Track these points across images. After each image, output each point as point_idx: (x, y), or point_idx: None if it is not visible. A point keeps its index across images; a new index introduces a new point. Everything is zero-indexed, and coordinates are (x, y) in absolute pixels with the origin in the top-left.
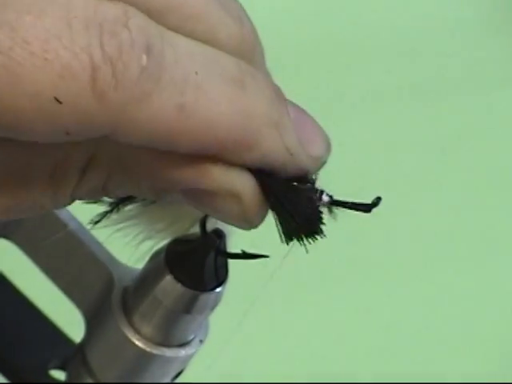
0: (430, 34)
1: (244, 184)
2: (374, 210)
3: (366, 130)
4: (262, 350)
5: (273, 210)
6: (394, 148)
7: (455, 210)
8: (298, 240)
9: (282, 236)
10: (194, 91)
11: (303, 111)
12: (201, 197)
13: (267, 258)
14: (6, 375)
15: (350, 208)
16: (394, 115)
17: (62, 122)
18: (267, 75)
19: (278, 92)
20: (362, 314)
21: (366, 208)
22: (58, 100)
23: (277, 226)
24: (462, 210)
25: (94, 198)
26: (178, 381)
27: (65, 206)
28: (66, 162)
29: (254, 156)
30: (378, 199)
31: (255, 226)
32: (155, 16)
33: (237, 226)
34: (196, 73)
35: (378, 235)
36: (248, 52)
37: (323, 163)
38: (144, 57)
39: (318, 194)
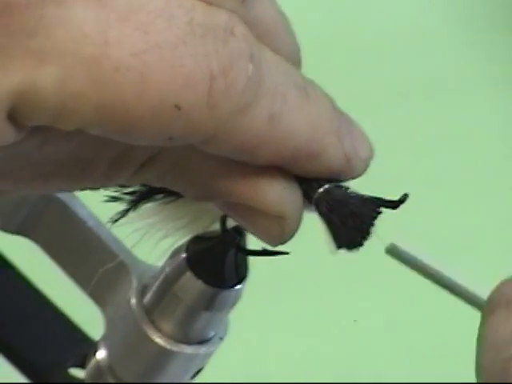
0: (434, 32)
1: (293, 208)
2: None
3: (376, 128)
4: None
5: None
6: (406, 145)
7: (465, 209)
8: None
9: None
10: (280, 101)
11: (346, 114)
12: (243, 211)
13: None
14: (25, 373)
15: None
16: (405, 113)
17: (173, 129)
18: None
19: (331, 99)
20: (365, 316)
21: (393, 205)
22: (178, 107)
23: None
24: (473, 210)
25: (134, 186)
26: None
27: (104, 188)
28: (128, 155)
29: (317, 165)
30: (405, 196)
31: (282, 244)
32: None
33: (264, 242)
34: (282, 82)
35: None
36: (297, 65)
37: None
38: (250, 66)
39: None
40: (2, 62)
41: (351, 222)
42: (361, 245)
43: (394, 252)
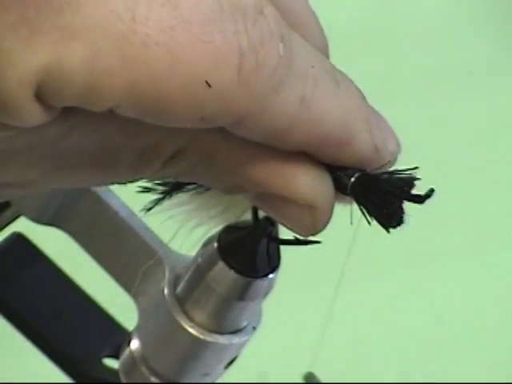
0: (444, 24)
1: (324, 196)
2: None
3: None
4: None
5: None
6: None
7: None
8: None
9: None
10: (312, 84)
11: (375, 109)
12: (274, 202)
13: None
14: (59, 364)
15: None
16: (436, 101)
17: (205, 107)
18: None
19: (361, 92)
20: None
21: (420, 200)
22: (208, 84)
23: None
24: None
25: (163, 180)
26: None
27: (132, 183)
28: (157, 147)
29: (347, 153)
30: (432, 191)
31: (314, 235)
32: None
33: (296, 232)
34: (312, 66)
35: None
36: (326, 57)
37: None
38: (281, 46)
39: None
40: (28, 39)
41: (384, 208)
42: (395, 227)
43: (309, 379)
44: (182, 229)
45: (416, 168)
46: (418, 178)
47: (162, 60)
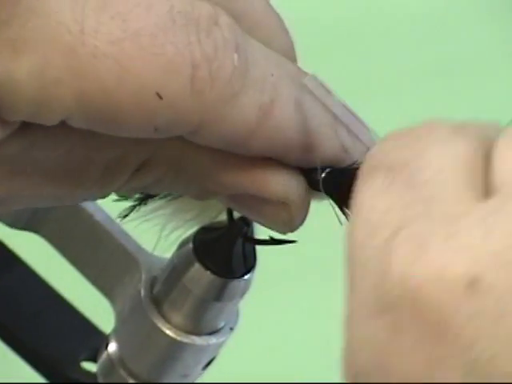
0: (455, 10)
1: (297, 192)
2: None
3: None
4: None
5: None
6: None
7: None
8: None
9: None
10: (271, 91)
11: (344, 103)
12: (249, 202)
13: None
14: (37, 369)
15: None
16: (426, 94)
17: (157, 118)
18: None
19: None
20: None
21: None
22: (159, 96)
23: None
24: None
25: (134, 194)
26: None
27: (103, 198)
28: (121, 161)
29: (314, 156)
30: None
31: (293, 231)
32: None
33: (275, 230)
34: (272, 74)
35: None
36: (291, 60)
37: None
38: (236, 56)
39: None
40: None
41: None
42: None
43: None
44: (158, 232)
45: None
46: None
47: (110, 71)
